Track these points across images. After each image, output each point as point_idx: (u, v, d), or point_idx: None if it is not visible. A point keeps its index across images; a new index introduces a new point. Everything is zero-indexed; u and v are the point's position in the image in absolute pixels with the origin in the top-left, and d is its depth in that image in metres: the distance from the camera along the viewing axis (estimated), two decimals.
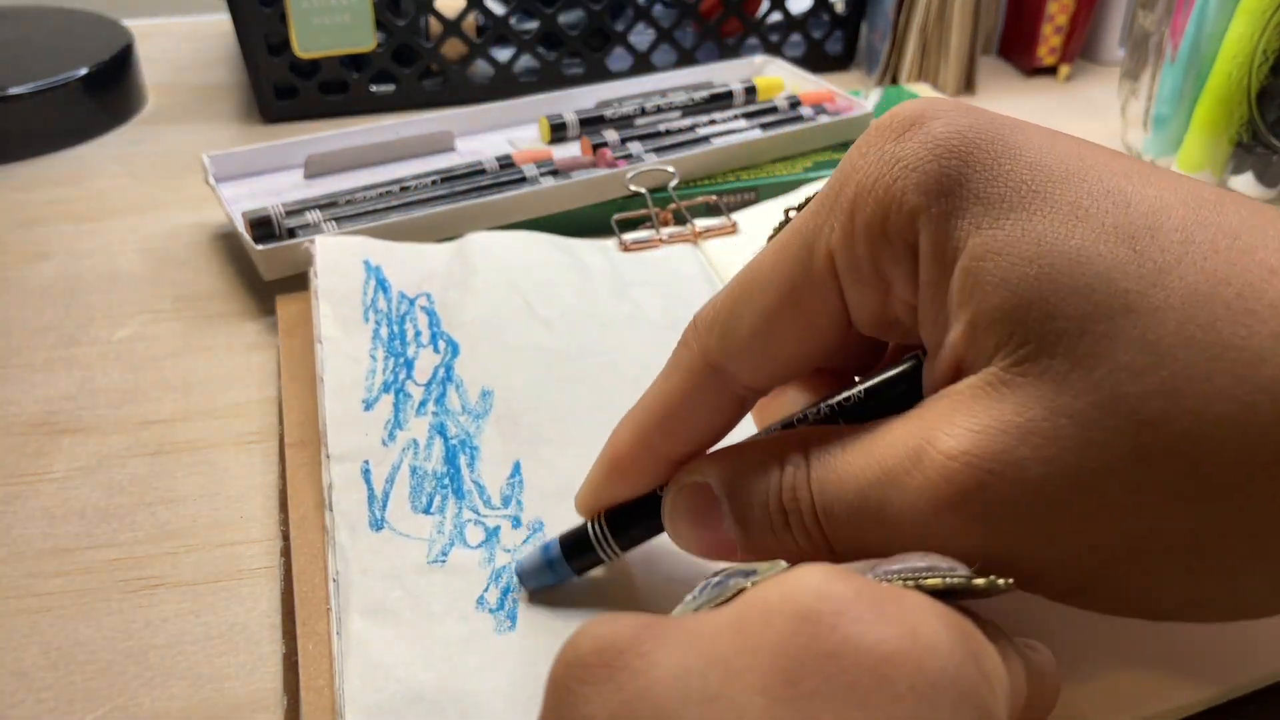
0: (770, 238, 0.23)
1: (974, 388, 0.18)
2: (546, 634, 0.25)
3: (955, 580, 0.17)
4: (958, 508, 0.18)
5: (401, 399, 0.32)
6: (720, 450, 0.23)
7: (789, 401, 0.25)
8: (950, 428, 0.18)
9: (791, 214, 0.23)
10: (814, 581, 0.16)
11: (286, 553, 0.28)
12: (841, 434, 0.21)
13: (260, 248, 0.39)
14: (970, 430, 0.18)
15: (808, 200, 0.22)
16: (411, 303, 0.36)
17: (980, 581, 0.17)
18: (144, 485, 0.32)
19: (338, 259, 0.37)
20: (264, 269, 0.40)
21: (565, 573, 0.25)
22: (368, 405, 0.32)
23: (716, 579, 0.18)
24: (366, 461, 0.30)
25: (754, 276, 0.21)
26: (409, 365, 0.34)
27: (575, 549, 0.25)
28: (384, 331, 0.35)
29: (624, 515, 0.24)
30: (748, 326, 0.21)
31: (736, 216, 0.44)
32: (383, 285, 0.37)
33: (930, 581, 0.17)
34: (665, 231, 0.42)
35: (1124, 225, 0.18)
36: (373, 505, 0.29)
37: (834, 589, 0.16)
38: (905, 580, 0.17)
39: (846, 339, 0.21)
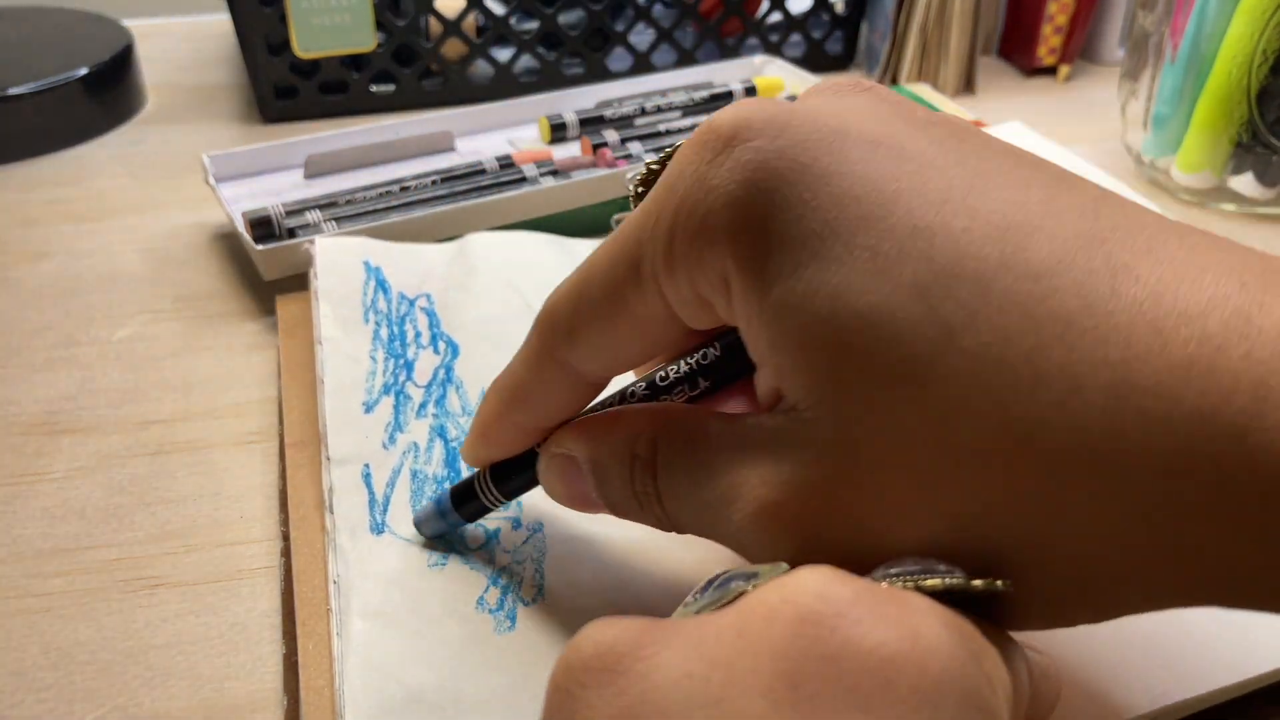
0: (633, 196, 0.23)
1: (776, 431, 0.19)
2: (546, 635, 0.25)
3: (954, 581, 0.17)
4: (771, 547, 0.19)
5: (402, 401, 0.32)
6: (583, 424, 0.24)
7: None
8: (754, 472, 0.19)
9: (654, 167, 0.23)
10: (815, 584, 0.16)
11: (287, 553, 0.28)
12: (686, 433, 0.21)
13: (260, 248, 0.39)
14: (767, 482, 0.19)
15: (669, 153, 0.21)
16: (411, 303, 0.36)
17: (979, 583, 0.17)
18: (144, 485, 0.32)
19: (337, 259, 0.37)
20: (264, 269, 0.40)
21: (456, 520, 0.27)
22: (368, 408, 0.32)
23: (717, 581, 0.18)
24: (367, 465, 0.30)
25: (589, 281, 0.21)
26: (409, 367, 0.34)
27: (463, 498, 0.27)
28: (384, 332, 0.35)
29: (505, 469, 0.26)
30: (586, 329, 0.22)
31: None
32: (382, 286, 0.37)
33: (929, 583, 0.17)
34: None
35: (921, 276, 0.17)
36: (374, 509, 0.29)
37: (834, 591, 0.16)
38: (905, 581, 0.17)
39: (689, 332, 0.22)
